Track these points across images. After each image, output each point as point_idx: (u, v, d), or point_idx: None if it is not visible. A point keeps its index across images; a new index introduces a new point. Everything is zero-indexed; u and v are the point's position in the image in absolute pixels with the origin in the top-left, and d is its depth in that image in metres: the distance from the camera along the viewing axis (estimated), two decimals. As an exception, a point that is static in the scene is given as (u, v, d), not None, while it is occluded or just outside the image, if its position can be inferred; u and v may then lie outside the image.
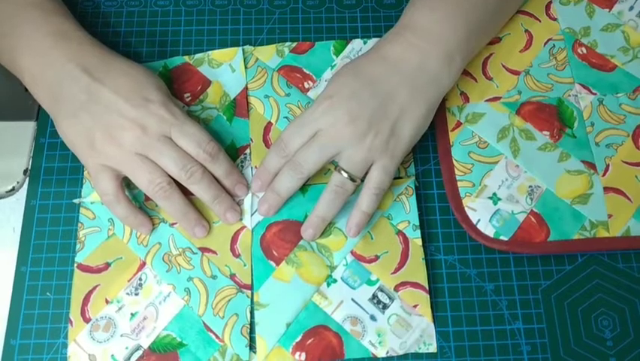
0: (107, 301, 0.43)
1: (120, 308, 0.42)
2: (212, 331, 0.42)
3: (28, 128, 0.48)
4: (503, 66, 0.50)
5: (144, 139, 0.41)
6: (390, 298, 0.43)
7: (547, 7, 0.52)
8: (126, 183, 0.46)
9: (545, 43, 0.51)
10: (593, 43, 0.50)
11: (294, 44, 0.51)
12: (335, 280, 0.44)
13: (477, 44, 0.47)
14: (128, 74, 0.43)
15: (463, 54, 0.45)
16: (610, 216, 0.45)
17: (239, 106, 0.49)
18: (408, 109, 0.43)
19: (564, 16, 0.52)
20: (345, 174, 0.43)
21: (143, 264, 0.44)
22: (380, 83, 0.43)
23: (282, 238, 0.44)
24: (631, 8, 0.51)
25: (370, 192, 0.43)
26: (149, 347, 0.42)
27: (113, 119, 0.41)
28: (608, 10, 0.52)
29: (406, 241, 0.45)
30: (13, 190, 0.46)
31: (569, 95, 0.49)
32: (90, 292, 0.43)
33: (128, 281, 0.43)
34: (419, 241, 0.45)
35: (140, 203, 0.45)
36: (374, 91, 0.43)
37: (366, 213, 0.43)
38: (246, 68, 0.50)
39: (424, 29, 0.45)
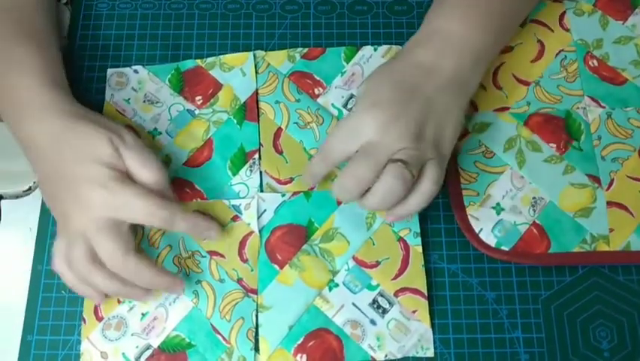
0: (119, 301, 0.44)
1: (131, 308, 0.44)
2: (219, 333, 0.43)
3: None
4: (514, 76, 0.50)
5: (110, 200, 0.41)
6: (389, 303, 0.44)
7: (561, 17, 0.52)
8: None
9: (557, 54, 0.51)
10: (605, 55, 0.50)
11: (305, 50, 0.52)
12: (337, 285, 0.45)
13: (499, 47, 0.48)
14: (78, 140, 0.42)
15: (489, 58, 0.46)
16: (611, 230, 0.45)
17: (249, 110, 0.50)
18: (446, 115, 0.43)
19: (577, 27, 0.51)
20: (402, 163, 0.41)
21: (154, 265, 0.45)
22: (418, 90, 0.43)
23: (286, 242, 0.46)
24: (645, 21, 0.51)
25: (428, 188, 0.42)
26: (159, 346, 0.43)
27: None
28: (622, 22, 0.51)
29: (406, 247, 0.46)
30: (29, 190, 0.48)
31: (578, 108, 0.49)
32: (103, 291, 0.44)
33: (140, 282, 0.45)
34: (419, 248, 0.46)
35: None
36: (414, 98, 0.42)
37: (413, 212, 0.43)
38: (257, 73, 0.51)
39: (455, 35, 0.44)
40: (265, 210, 0.47)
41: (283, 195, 0.47)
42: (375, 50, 0.52)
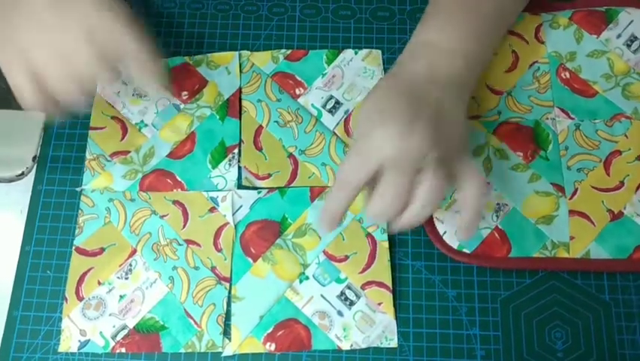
0: (99, 283, 0.47)
1: (111, 290, 0.47)
2: (191, 317, 0.46)
3: (39, 117, 0.52)
4: (487, 86, 0.52)
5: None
6: (356, 295, 0.47)
7: (537, 29, 0.53)
8: (123, 175, 0.50)
9: (530, 66, 0.52)
10: (578, 68, 0.52)
11: (289, 52, 0.54)
12: (307, 277, 0.47)
13: (492, 50, 0.49)
14: None
15: (483, 61, 0.47)
16: (572, 238, 0.47)
17: (231, 106, 0.52)
18: (457, 112, 0.43)
19: (552, 40, 0.53)
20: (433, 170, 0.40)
21: (134, 251, 0.48)
22: (424, 97, 0.42)
23: (260, 237, 0.48)
24: (619, 36, 0.52)
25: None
26: (134, 327, 0.46)
27: None
28: (596, 36, 0.53)
29: (374, 243, 0.48)
30: (22, 175, 0.51)
31: (547, 118, 0.51)
32: (85, 273, 0.47)
33: (120, 266, 0.47)
34: (386, 244, 0.48)
35: (135, 193, 0.49)
36: (422, 103, 0.41)
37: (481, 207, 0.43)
38: (241, 72, 0.53)
39: (445, 45, 0.45)
40: (241, 206, 0.49)
41: (259, 192, 0.49)
42: (355, 53, 0.54)
